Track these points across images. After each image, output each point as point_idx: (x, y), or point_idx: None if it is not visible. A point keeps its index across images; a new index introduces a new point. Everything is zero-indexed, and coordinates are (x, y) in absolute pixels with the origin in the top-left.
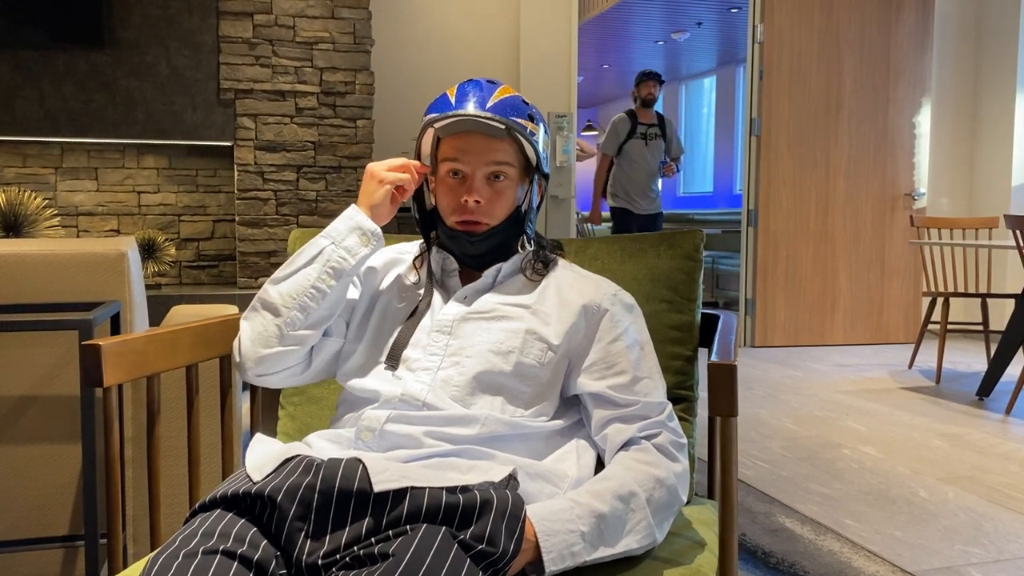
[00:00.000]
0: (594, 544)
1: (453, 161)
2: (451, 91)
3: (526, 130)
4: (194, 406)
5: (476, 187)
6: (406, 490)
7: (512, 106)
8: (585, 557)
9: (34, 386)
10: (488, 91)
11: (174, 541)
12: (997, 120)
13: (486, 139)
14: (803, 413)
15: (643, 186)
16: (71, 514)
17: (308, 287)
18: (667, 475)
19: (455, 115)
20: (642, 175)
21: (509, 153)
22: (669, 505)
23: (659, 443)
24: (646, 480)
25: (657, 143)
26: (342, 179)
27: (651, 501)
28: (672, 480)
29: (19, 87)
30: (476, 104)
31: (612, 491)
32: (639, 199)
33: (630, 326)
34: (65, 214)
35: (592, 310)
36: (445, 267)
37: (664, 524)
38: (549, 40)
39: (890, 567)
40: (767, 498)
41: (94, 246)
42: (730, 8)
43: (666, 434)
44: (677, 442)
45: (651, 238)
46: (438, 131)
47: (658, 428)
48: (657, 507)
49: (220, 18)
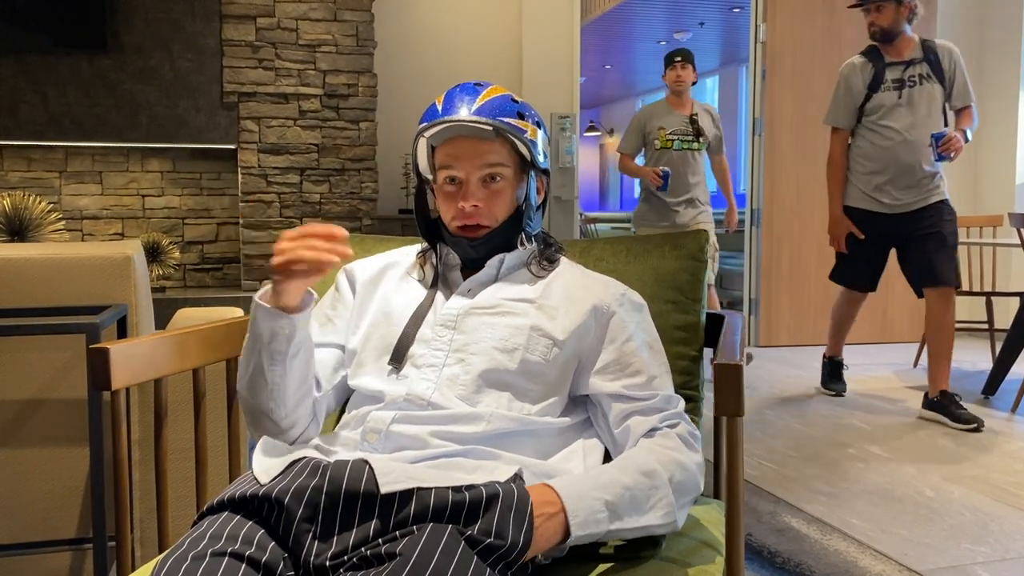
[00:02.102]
0: (617, 514)
1: (448, 168)
2: (439, 99)
3: (515, 128)
4: (201, 409)
5: (472, 191)
6: (412, 491)
7: (499, 106)
8: (608, 527)
9: (41, 390)
10: (475, 94)
11: (182, 543)
12: (1000, 118)
13: (477, 142)
14: (808, 413)
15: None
16: (79, 517)
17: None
18: (688, 461)
19: (441, 122)
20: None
21: (502, 154)
22: (689, 491)
23: (679, 432)
24: (669, 462)
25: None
26: (345, 181)
27: (672, 481)
28: (692, 467)
29: (23, 91)
30: (463, 109)
31: (636, 467)
32: None
33: (640, 326)
34: (70, 218)
35: (602, 311)
36: (448, 262)
37: (684, 509)
38: (551, 41)
39: (896, 566)
40: (773, 498)
41: (100, 250)
42: (732, 8)
43: (684, 425)
44: (694, 433)
45: (655, 239)
46: (429, 140)
47: (677, 419)
48: (678, 489)
49: (223, 21)
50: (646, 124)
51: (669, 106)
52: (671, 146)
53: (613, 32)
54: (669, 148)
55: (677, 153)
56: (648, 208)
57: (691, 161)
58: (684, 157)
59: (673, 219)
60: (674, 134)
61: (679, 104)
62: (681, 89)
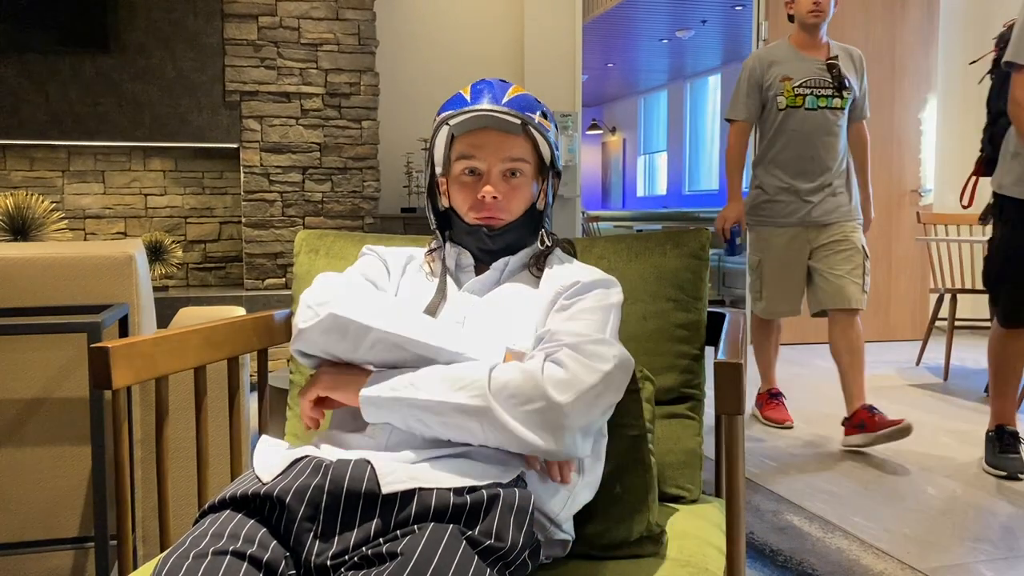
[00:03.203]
0: (416, 385)
1: (469, 159)
2: (465, 90)
3: (541, 126)
4: (202, 408)
5: (493, 182)
6: (414, 491)
7: (526, 103)
8: (399, 394)
9: (43, 389)
10: (502, 89)
11: (184, 542)
12: None
13: (502, 135)
14: (810, 411)
15: None
16: (81, 516)
17: None
18: (530, 367)
19: (472, 110)
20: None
21: (525, 150)
22: (524, 391)
23: (553, 354)
24: (505, 366)
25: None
26: (348, 180)
27: (493, 372)
28: (535, 374)
29: (25, 91)
30: (491, 101)
31: (467, 364)
32: None
33: (600, 292)
34: (72, 217)
35: (574, 284)
36: (460, 263)
37: (515, 407)
38: (553, 39)
39: (899, 564)
40: (774, 496)
41: (102, 249)
42: (735, 5)
43: (567, 349)
44: (575, 357)
45: (657, 237)
46: (453, 128)
47: (559, 347)
48: (502, 383)
49: (225, 20)
50: (764, 74)
51: (795, 48)
52: (801, 104)
53: (615, 30)
54: (799, 107)
55: (811, 115)
56: (765, 198)
57: (831, 126)
58: (821, 120)
59: (805, 213)
60: (806, 87)
61: (811, 44)
62: (818, 20)
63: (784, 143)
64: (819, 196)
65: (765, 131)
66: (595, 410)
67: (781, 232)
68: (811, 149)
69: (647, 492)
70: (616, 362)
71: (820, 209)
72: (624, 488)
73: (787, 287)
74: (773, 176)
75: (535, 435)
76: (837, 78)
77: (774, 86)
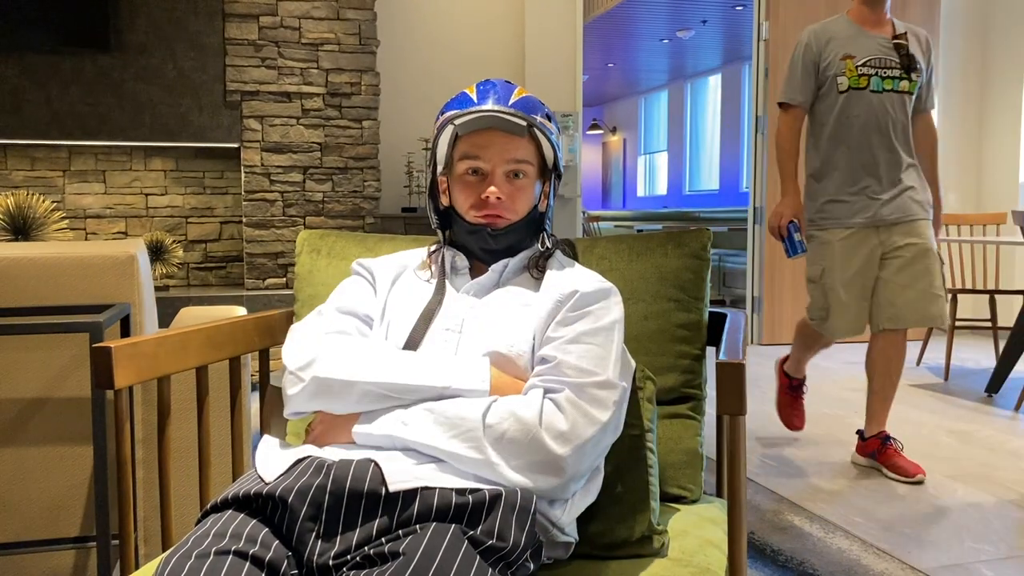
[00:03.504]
0: (408, 426)
1: (473, 159)
2: (470, 89)
3: (546, 129)
4: (204, 407)
5: (497, 183)
6: (417, 491)
7: (531, 105)
8: (391, 431)
9: (45, 388)
10: (508, 90)
11: (186, 542)
12: (1004, 116)
13: (506, 136)
14: (812, 411)
15: None
16: (83, 515)
17: None
18: (527, 414)
19: (478, 111)
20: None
21: (529, 151)
22: (517, 441)
23: (556, 396)
24: (501, 409)
25: None
26: (348, 180)
27: (487, 420)
28: (529, 420)
29: (26, 91)
30: (497, 102)
31: (465, 403)
32: None
33: (601, 307)
34: (73, 217)
35: (573, 294)
36: (456, 265)
37: (510, 457)
38: (554, 39)
39: (899, 564)
40: (776, 496)
41: (103, 249)
42: (735, 5)
43: (568, 392)
44: (573, 400)
45: (658, 237)
46: (458, 128)
47: (562, 386)
48: (497, 433)
49: (226, 20)
50: (821, 52)
51: (855, 23)
52: (866, 85)
53: (616, 30)
54: (863, 89)
55: (876, 97)
56: (826, 197)
57: (899, 112)
58: (888, 105)
59: (874, 212)
60: (871, 66)
61: (874, 20)
62: None
63: (846, 131)
64: (890, 192)
65: (821, 117)
66: (593, 455)
67: (847, 235)
68: (878, 137)
69: (648, 492)
70: (615, 408)
71: (891, 206)
72: (625, 488)
73: (858, 300)
74: (835, 170)
75: (532, 480)
76: (906, 58)
77: (833, 65)
